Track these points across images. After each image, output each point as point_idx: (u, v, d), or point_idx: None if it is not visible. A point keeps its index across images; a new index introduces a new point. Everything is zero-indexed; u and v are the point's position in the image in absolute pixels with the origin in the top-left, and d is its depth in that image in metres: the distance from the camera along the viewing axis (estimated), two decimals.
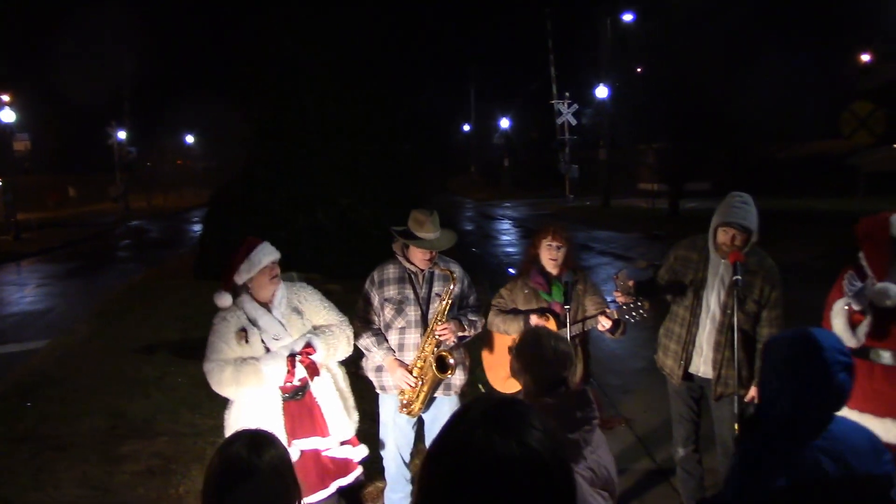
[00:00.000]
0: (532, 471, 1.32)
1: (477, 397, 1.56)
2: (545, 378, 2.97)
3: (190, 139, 61.37)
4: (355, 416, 4.48)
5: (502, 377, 4.74)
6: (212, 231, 15.69)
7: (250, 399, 4.12)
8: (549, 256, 4.68)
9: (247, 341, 4.08)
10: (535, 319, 4.54)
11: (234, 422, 4.18)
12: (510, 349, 3.31)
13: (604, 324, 4.42)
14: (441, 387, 4.69)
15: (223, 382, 4.01)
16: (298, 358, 4.09)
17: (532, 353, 3.04)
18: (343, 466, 4.32)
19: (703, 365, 4.57)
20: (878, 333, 4.11)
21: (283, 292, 4.28)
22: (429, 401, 4.67)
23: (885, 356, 4.15)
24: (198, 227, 26.90)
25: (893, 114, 17.34)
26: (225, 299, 4.18)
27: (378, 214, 14.72)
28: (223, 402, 6.51)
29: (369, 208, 15.06)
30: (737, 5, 23.44)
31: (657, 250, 17.50)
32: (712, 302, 4.50)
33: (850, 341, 4.09)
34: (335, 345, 4.24)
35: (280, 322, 4.19)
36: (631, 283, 4.47)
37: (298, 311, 4.29)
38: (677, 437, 4.78)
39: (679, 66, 25.04)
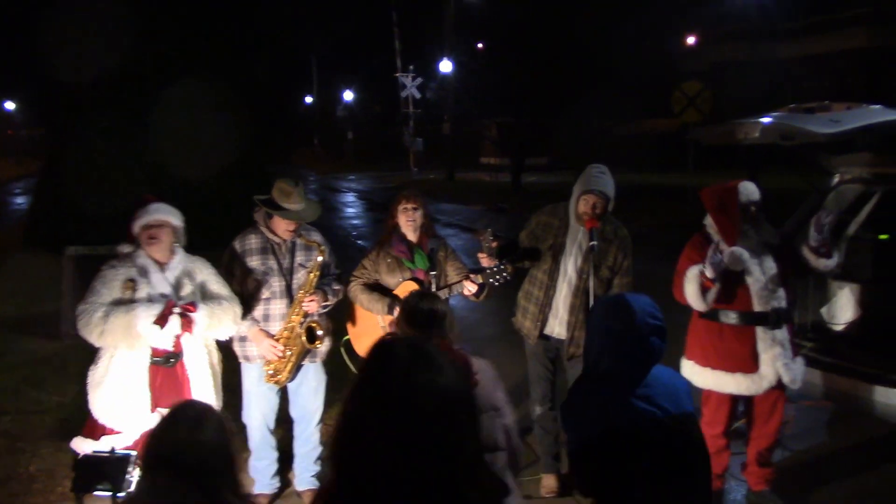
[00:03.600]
0: (445, 398, 1.72)
1: (395, 338, 1.93)
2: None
3: (10, 105, 57.12)
4: (221, 397, 4.44)
5: (368, 346, 4.80)
6: (43, 201, 15.01)
7: (118, 358, 4.02)
8: (407, 219, 4.75)
9: (134, 291, 4.02)
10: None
11: (99, 381, 4.06)
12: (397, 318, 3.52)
13: (469, 288, 4.56)
14: (307, 355, 4.71)
15: (90, 324, 3.91)
16: (177, 310, 4.02)
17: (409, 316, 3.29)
18: None
19: (558, 326, 4.81)
20: (726, 296, 4.43)
21: (182, 260, 4.24)
22: (295, 369, 4.68)
23: (732, 316, 4.49)
24: (21, 200, 25.23)
25: (721, 94, 18.50)
26: (125, 247, 4.18)
27: (220, 187, 14.55)
28: (70, 378, 6.21)
29: (212, 180, 14.68)
30: None
31: (502, 223, 17.97)
32: (569, 267, 4.74)
33: (700, 305, 4.41)
34: (220, 317, 4.21)
35: (170, 284, 4.14)
36: (494, 244, 4.62)
37: (191, 276, 4.24)
38: (535, 396, 5.00)
39: (517, 42, 25.60)
